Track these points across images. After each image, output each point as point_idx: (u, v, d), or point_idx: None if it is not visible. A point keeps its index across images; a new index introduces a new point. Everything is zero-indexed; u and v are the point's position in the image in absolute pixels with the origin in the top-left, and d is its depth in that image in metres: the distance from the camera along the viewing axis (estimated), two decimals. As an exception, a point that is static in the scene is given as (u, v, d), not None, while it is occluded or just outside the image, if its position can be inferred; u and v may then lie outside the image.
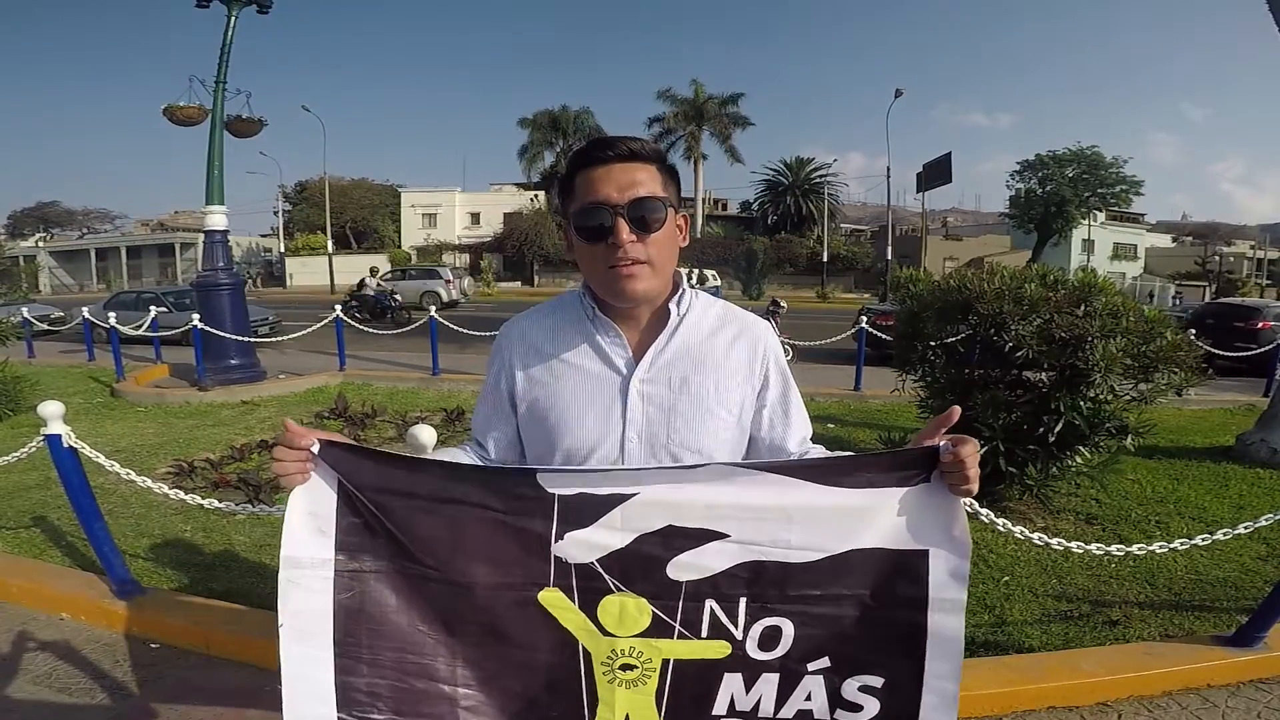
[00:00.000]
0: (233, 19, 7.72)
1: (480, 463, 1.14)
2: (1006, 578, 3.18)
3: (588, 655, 0.94)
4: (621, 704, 0.94)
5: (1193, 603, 2.98)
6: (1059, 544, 2.33)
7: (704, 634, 0.93)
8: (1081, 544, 2.39)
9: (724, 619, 0.93)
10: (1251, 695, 2.37)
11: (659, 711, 0.94)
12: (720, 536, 0.90)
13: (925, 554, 0.92)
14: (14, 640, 2.67)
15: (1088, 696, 2.32)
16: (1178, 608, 2.94)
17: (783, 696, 0.95)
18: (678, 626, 0.93)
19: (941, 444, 0.89)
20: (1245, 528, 2.50)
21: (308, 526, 0.91)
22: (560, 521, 0.90)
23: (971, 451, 0.88)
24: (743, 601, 0.93)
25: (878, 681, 0.94)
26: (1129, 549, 2.45)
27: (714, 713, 0.95)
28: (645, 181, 1.01)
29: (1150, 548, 2.42)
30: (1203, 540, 2.45)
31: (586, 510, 0.91)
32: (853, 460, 0.95)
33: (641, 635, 0.93)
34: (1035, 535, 2.33)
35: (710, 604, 0.92)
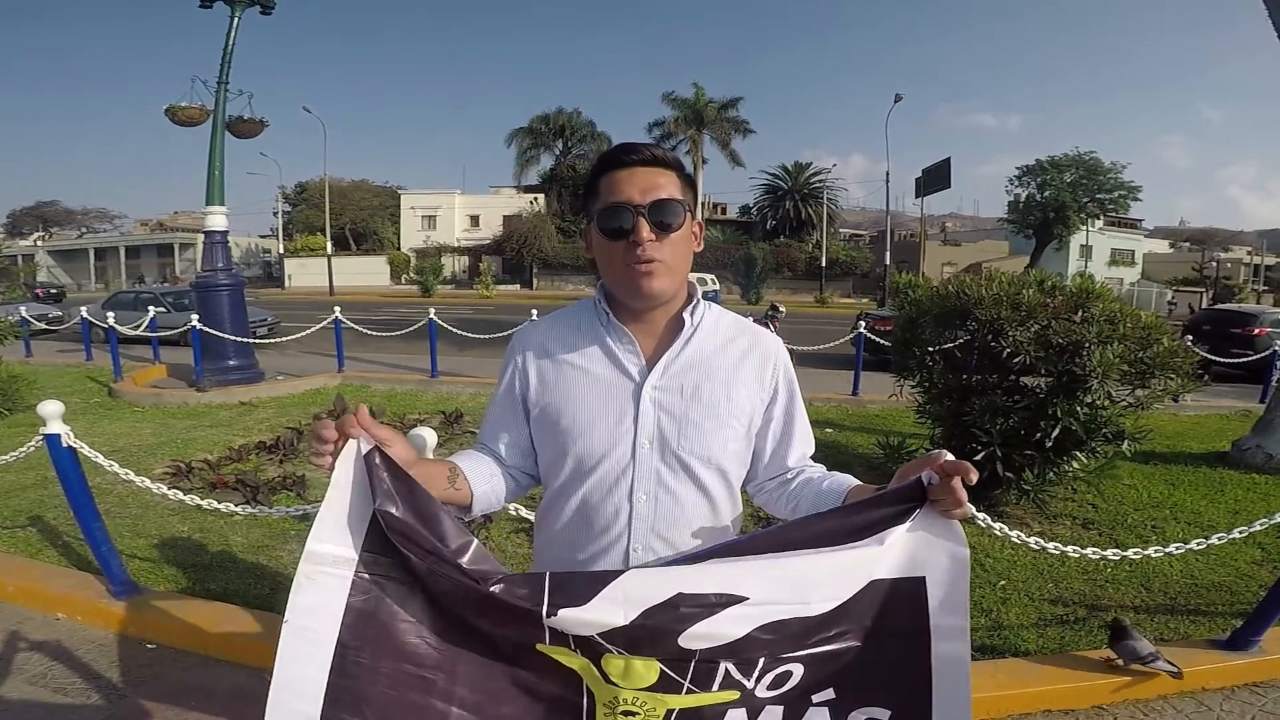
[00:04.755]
0: (236, 19, 7.74)
1: (495, 463, 1.15)
2: (1003, 581, 3.19)
3: (590, 694, 0.90)
4: None
5: (1188, 607, 2.99)
6: (1055, 548, 2.34)
7: (715, 688, 0.88)
8: (1078, 548, 2.39)
9: (737, 674, 0.88)
10: (1246, 699, 2.38)
11: None
12: (739, 600, 0.84)
13: (922, 581, 0.90)
14: (9, 639, 2.66)
15: (1083, 700, 2.33)
16: (1173, 612, 2.95)
17: None
18: (687, 684, 0.88)
19: (925, 475, 0.88)
20: (1240, 532, 2.51)
21: (338, 523, 0.86)
22: (552, 598, 0.83)
23: (956, 483, 0.85)
24: (761, 660, 0.89)
25: (884, 715, 0.91)
26: (1125, 553, 2.46)
27: None
28: (666, 185, 1.04)
29: (1146, 552, 2.43)
30: (1198, 545, 2.47)
31: (580, 584, 0.85)
32: (849, 511, 0.93)
33: (648, 690, 0.87)
34: (1032, 539, 2.33)
35: (726, 665, 0.88)
